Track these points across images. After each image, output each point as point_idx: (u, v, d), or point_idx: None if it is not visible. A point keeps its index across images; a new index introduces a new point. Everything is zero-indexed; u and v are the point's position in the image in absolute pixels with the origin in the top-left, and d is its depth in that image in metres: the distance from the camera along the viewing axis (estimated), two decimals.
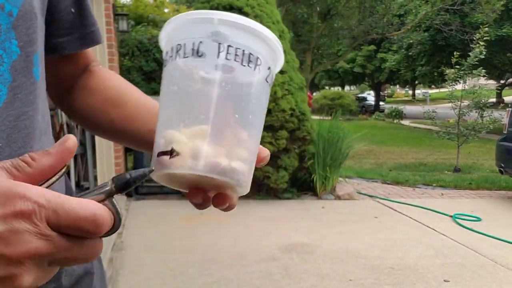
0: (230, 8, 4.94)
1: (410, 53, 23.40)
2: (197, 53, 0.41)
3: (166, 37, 0.45)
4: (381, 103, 32.49)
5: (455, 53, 7.73)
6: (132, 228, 4.04)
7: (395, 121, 22.29)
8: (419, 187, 6.47)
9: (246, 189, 0.44)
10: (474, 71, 7.55)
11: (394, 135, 15.50)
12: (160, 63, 6.23)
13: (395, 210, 5.00)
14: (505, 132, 5.80)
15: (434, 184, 6.63)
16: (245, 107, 0.43)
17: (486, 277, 3.18)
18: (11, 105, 0.44)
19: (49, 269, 0.32)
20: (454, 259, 3.51)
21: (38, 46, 0.48)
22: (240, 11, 4.93)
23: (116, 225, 0.35)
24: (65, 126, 4.90)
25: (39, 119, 0.48)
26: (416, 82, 32.64)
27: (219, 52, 0.41)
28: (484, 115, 7.83)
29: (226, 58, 0.41)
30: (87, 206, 0.32)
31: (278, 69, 0.47)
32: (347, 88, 47.06)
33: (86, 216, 0.31)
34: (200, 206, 0.46)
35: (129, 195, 5.16)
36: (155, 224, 4.19)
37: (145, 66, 6.49)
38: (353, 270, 3.23)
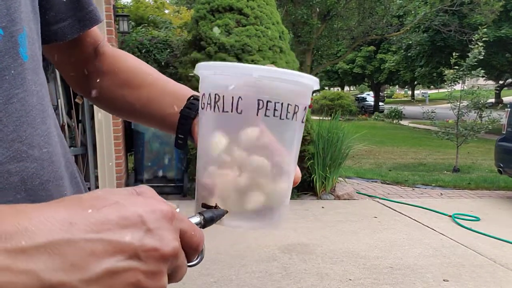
0: (230, 9, 4.95)
1: (409, 54, 23.49)
2: (236, 110, 0.41)
3: (205, 79, 0.45)
4: (380, 103, 32.53)
5: (454, 54, 7.73)
6: None
7: (394, 121, 22.31)
8: (419, 187, 6.48)
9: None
10: (473, 72, 7.58)
11: (393, 135, 15.51)
12: (160, 64, 6.24)
13: (395, 210, 5.02)
14: (504, 132, 5.82)
15: (433, 184, 6.65)
16: (283, 141, 0.44)
17: (485, 276, 3.20)
18: None
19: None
20: (453, 258, 3.53)
21: (24, 26, 0.45)
22: (240, 12, 4.94)
23: (200, 254, 0.38)
24: (66, 127, 4.91)
25: (33, 101, 0.46)
26: (415, 82, 32.68)
27: (258, 109, 0.41)
28: (483, 115, 7.86)
29: (266, 115, 0.41)
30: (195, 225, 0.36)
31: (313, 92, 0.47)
32: (346, 88, 47.09)
33: (198, 230, 0.35)
34: None
35: None
36: None
37: None
38: (352, 270, 3.24)
